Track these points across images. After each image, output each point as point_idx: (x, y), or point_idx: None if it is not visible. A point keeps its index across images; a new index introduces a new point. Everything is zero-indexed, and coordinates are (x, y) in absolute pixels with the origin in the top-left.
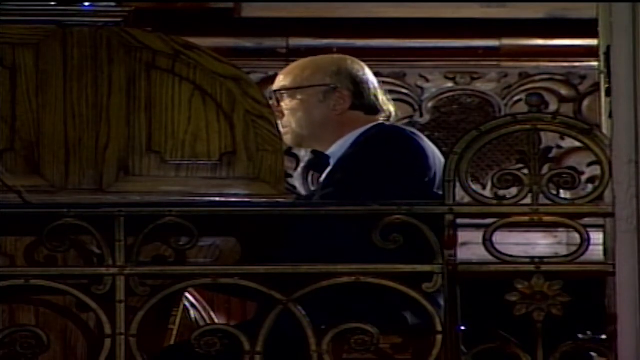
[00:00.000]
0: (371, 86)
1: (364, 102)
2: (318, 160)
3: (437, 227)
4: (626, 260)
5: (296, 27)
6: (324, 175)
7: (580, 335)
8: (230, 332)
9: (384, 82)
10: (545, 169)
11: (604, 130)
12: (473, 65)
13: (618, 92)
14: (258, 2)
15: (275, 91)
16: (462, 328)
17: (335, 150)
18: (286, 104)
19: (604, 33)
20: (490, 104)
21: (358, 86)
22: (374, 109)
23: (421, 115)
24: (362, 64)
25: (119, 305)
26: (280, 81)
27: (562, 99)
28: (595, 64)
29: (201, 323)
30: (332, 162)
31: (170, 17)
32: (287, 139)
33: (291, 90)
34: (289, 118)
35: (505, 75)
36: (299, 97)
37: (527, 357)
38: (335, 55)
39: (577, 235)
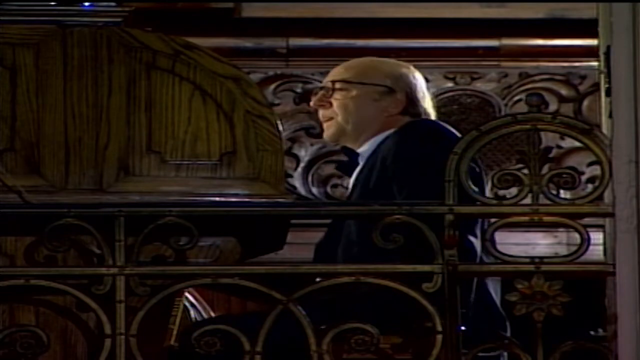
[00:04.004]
0: (424, 95)
1: (415, 111)
2: (349, 160)
3: (437, 227)
4: (626, 260)
5: (296, 27)
6: (355, 174)
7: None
8: (230, 332)
9: None
10: (545, 169)
11: (604, 130)
12: (473, 65)
13: (618, 92)
14: (258, 2)
15: (333, 81)
16: (462, 328)
17: (366, 149)
18: (338, 96)
19: (604, 33)
20: (490, 104)
21: (414, 94)
22: (419, 116)
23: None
24: (418, 73)
25: (119, 305)
26: (340, 73)
27: (562, 99)
28: (595, 64)
29: None
30: (360, 161)
31: (170, 17)
32: (328, 132)
33: (350, 83)
34: (338, 110)
35: (505, 75)
36: (354, 92)
37: (527, 357)
38: (398, 61)
39: (577, 235)
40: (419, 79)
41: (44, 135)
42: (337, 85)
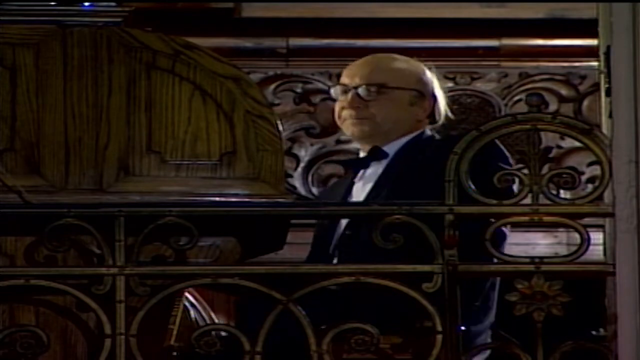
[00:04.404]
0: (443, 97)
1: (437, 114)
2: (371, 157)
3: (437, 227)
4: (626, 260)
5: (296, 27)
6: (379, 173)
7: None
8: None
9: None
10: (545, 169)
11: (604, 130)
12: (473, 65)
13: (618, 92)
14: (258, 2)
15: (378, 85)
16: (462, 328)
17: (390, 149)
18: (375, 98)
19: (604, 33)
20: (490, 104)
21: (437, 97)
22: (439, 119)
23: None
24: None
25: (119, 305)
26: (373, 74)
27: (562, 99)
28: (595, 64)
29: (201, 323)
30: (380, 160)
31: (170, 17)
32: (361, 129)
33: (390, 88)
34: (377, 112)
35: (505, 75)
36: (394, 95)
37: (527, 357)
38: (420, 62)
39: (577, 235)
40: (435, 80)
41: (44, 135)
42: (374, 89)
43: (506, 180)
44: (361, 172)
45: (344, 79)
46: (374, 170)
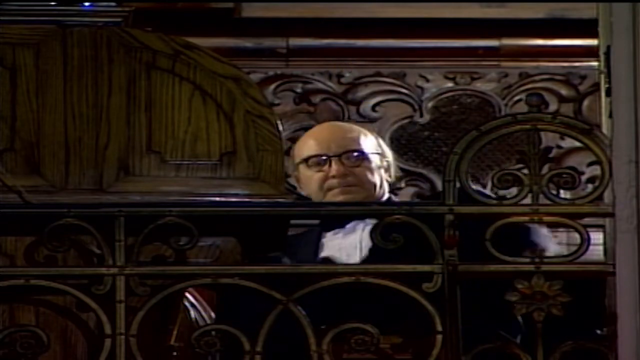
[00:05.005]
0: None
1: (392, 175)
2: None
3: (437, 227)
4: (626, 260)
5: (296, 27)
6: (361, 231)
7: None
8: (230, 332)
9: (384, 82)
10: (545, 169)
11: (604, 130)
12: (473, 65)
13: (618, 92)
14: (258, 2)
15: (358, 151)
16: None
17: None
18: (358, 164)
19: (604, 33)
20: (490, 104)
21: (391, 157)
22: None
23: (421, 115)
24: None
25: (119, 305)
26: (354, 142)
27: (562, 99)
28: (595, 64)
29: (201, 323)
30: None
31: (170, 17)
32: (353, 197)
33: (367, 154)
34: (364, 179)
35: (505, 75)
36: (374, 161)
37: (527, 357)
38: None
39: (577, 235)
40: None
41: (44, 135)
42: (356, 155)
43: (506, 181)
44: (336, 229)
45: (316, 150)
46: (352, 227)
